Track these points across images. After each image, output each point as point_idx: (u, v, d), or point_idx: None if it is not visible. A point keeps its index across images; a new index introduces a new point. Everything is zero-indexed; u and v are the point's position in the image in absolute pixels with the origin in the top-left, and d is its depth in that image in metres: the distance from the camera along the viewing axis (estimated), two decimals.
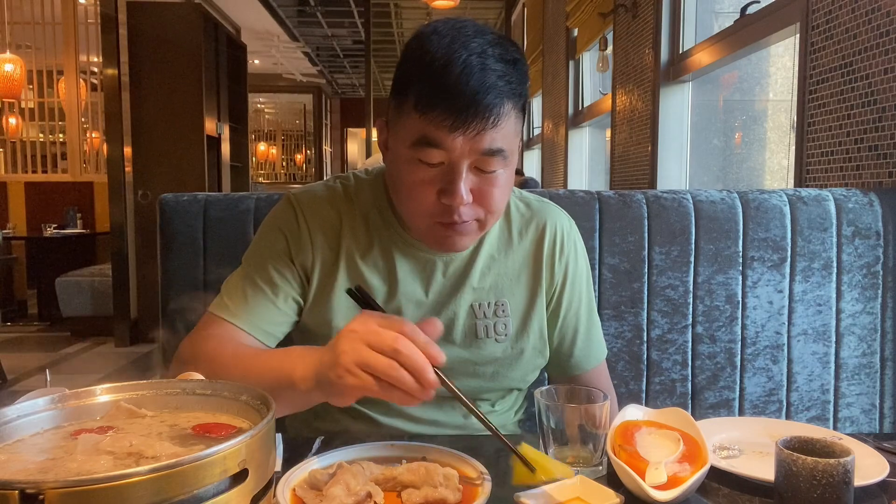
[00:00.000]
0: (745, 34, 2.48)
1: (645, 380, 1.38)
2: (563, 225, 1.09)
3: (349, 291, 0.83)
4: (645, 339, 1.38)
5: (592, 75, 5.27)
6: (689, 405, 1.38)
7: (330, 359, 0.75)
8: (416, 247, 1.03)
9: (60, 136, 6.73)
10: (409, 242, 1.03)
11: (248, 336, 0.98)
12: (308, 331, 1.05)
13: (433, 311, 1.03)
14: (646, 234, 1.37)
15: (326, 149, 15.25)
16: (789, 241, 1.38)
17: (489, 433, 0.75)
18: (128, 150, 4.98)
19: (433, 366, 0.70)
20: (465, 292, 1.03)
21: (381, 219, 1.04)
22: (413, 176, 0.91)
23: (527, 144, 8.12)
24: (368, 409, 1.05)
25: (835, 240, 1.38)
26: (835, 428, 1.40)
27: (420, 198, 0.91)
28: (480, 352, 1.03)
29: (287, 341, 1.04)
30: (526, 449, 0.71)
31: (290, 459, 0.79)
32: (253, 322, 0.98)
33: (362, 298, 0.81)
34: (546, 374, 1.24)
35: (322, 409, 1.09)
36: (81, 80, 6.34)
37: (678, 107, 3.23)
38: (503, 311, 1.04)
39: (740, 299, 1.38)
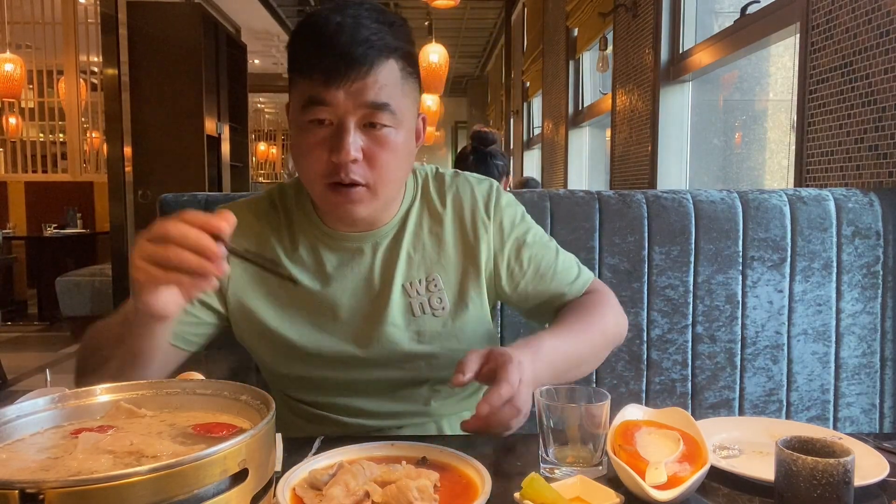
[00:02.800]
0: (745, 34, 2.48)
1: (645, 380, 1.38)
2: (481, 191, 1.08)
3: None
4: (645, 338, 1.38)
5: (592, 75, 5.28)
6: (689, 405, 1.38)
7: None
8: (339, 238, 1.04)
9: (60, 135, 6.73)
10: (332, 235, 1.05)
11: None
12: (248, 335, 1.07)
13: (369, 298, 1.04)
14: (646, 234, 1.37)
15: None
16: (789, 241, 1.38)
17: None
18: (128, 150, 4.96)
19: (220, 238, 0.73)
20: (397, 274, 1.04)
21: (305, 218, 1.06)
22: (306, 140, 0.94)
23: (527, 144, 8.13)
24: (331, 413, 1.07)
25: (835, 240, 1.38)
26: (835, 428, 1.40)
27: (312, 160, 0.94)
28: (420, 329, 1.04)
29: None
30: (537, 481, 0.71)
31: (290, 459, 0.79)
32: None
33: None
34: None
35: (288, 415, 1.11)
36: (81, 80, 6.34)
37: (678, 107, 3.23)
38: (435, 286, 1.05)
39: (740, 299, 1.38)
